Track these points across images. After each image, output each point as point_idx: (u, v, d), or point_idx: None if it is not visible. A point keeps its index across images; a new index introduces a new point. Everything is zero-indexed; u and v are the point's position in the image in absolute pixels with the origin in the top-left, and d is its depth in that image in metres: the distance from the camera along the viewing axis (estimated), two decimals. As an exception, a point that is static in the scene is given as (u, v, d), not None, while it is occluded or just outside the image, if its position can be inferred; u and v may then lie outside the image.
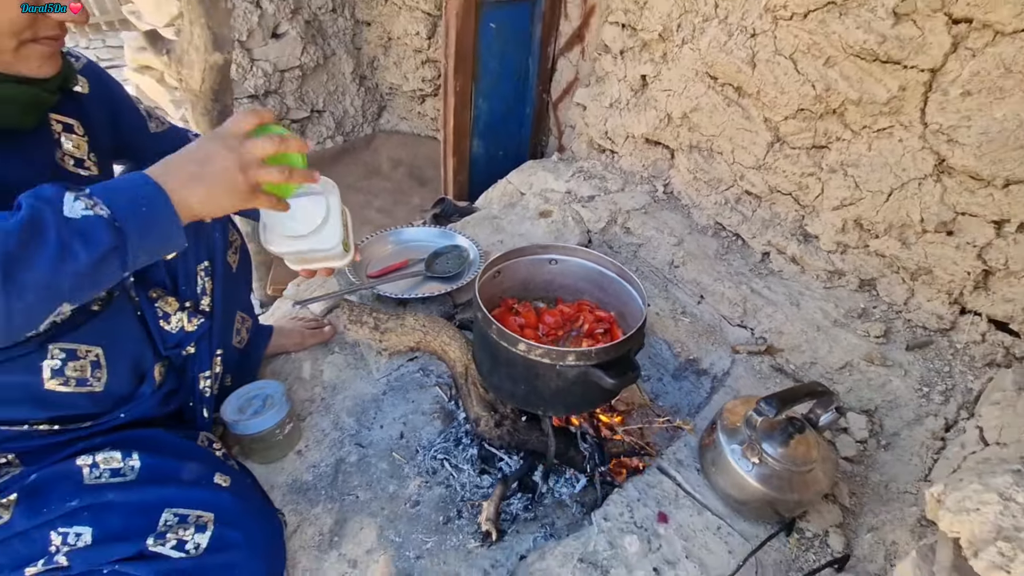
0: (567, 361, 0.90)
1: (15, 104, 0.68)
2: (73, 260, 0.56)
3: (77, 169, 0.82)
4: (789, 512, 0.88)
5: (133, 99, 0.98)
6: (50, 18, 0.63)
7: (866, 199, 1.25)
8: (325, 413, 1.28)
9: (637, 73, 1.72)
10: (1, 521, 0.80)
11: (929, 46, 1.09)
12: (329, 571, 0.99)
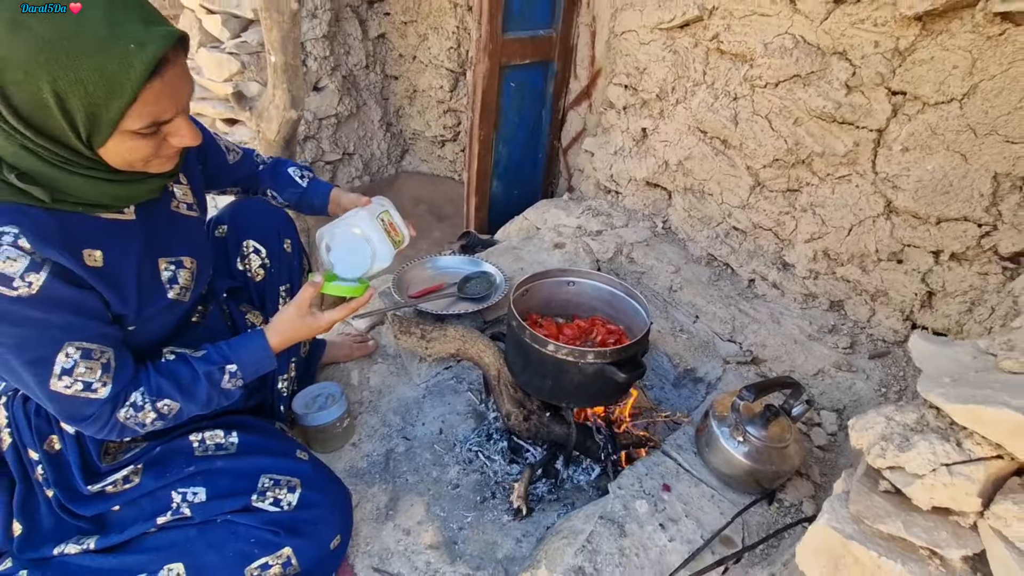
0: (587, 359, 1.13)
1: (151, 191, 0.86)
2: (214, 407, 0.94)
3: (188, 212, 0.99)
4: (769, 483, 1.08)
5: (214, 136, 1.13)
6: (170, 144, 0.76)
7: (831, 233, 1.50)
8: (373, 412, 1.48)
9: (638, 126, 2.00)
10: (133, 484, 1.00)
11: (875, 112, 1.36)
12: (387, 538, 1.18)
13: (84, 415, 0.81)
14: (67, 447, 0.96)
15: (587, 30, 2.19)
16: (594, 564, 0.93)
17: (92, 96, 0.63)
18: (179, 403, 0.88)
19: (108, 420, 0.83)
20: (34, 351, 0.74)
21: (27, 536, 0.96)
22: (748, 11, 1.55)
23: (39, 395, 0.78)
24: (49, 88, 0.61)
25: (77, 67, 0.61)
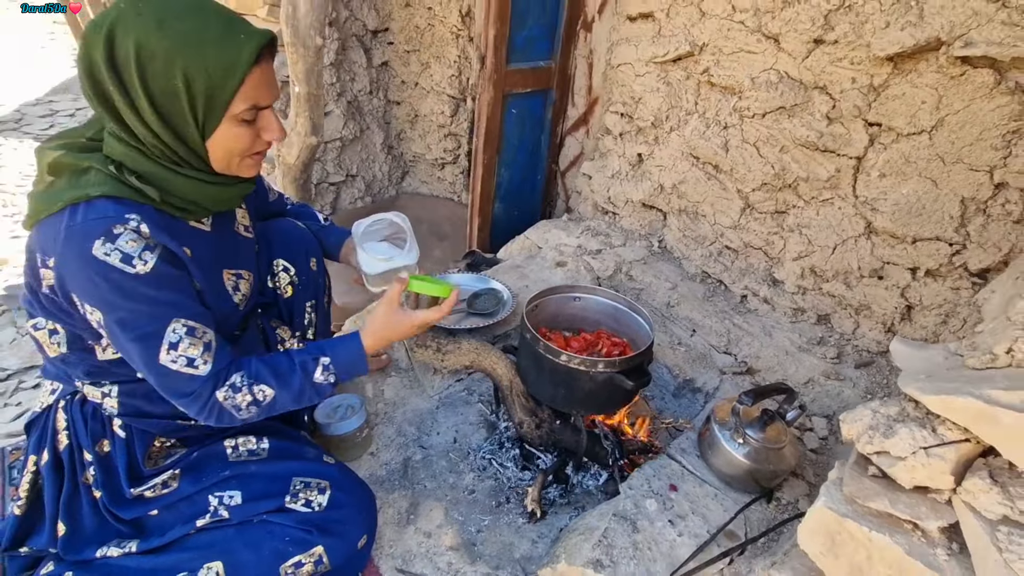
0: (597, 368, 1.21)
1: (238, 196, 0.99)
2: (305, 402, 0.98)
3: (246, 233, 1.11)
4: (767, 483, 1.16)
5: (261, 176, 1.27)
6: (263, 140, 0.90)
7: (817, 252, 1.61)
8: (389, 423, 1.55)
9: (634, 152, 2.13)
10: (171, 488, 1.07)
11: (854, 141, 1.49)
12: (409, 541, 1.24)
13: (186, 391, 0.88)
14: (116, 450, 1.02)
15: (584, 62, 2.32)
16: (610, 557, 1.00)
17: (212, 79, 0.77)
18: (274, 390, 0.93)
19: (208, 399, 0.89)
20: (146, 326, 0.83)
21: (70, 537, 1.01)
22: (736, 48, 1.68)
23: (147, 369, 0.86)
24: (181, 74, 0.76)
25: (204, 55, 0.76)
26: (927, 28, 1.29)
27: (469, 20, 2.75)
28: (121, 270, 0.78)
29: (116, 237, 0.78)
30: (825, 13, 1.46)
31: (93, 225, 0.78)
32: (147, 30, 0.74)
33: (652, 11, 1.92)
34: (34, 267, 0.84)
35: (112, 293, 0.79)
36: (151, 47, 0.74)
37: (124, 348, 0.85)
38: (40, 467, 1.01)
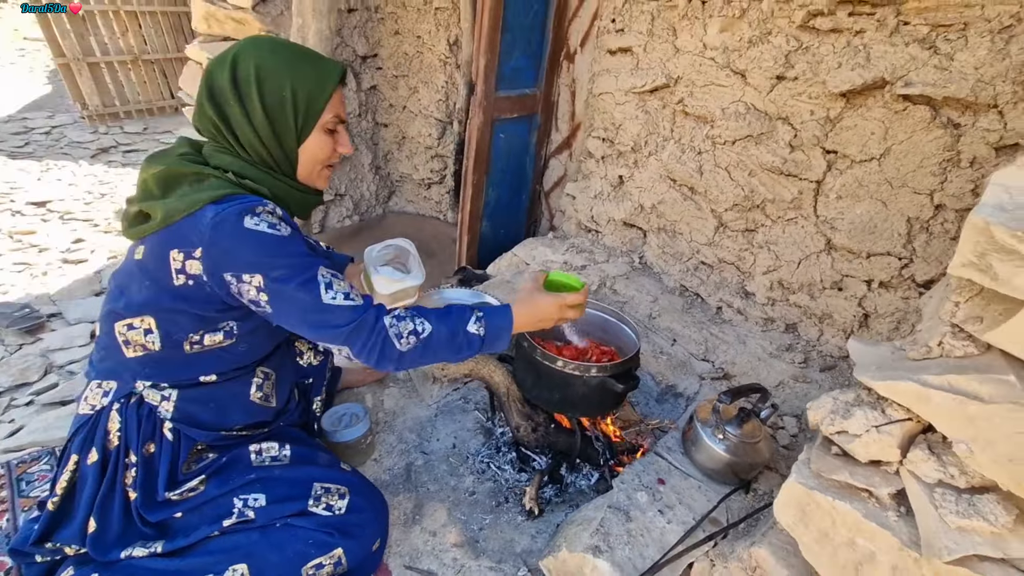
0: (591, 373, 1.32)
1: (313, 205, 1.12)
2: (455, 348, 1.02)
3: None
4: (745, 474, 1.27)
5: None
6: (338, 152, 1.08)
7: (784, 267, 1.77)
8: (390, 431, 1.62)
9: (615, 174, 2.28)
10: (198, 492, 1.12)
11: (813, 166, 1.65)
12: (415, 540, 1.31)
13: (351, 319, 0.95)
14: (162, 452, 1.07)
15: (567, 90, 2.47)
16: (607, 543, 1.10)
17: (311, 91, 0.98)
18: (432, 325, 1.00)
19: (374, 325, 0.97)
20: (303, 273, 0.94)
21: (99, 535, 1.06)
22: (707, 82, 1.85)
23: (314, 311, 0.95)
24: (289, 86, 0.96)
25: (305, 73, 0.98)
26: (873, 69, 1.46)
27: (456, 48, 2.89)
28: (271, 234, 0.93)
29: (258, 214, 0.93)
30: (786, 53, 1.63)
31: (237, 208, 0.92)
32: (263, 55, 0.97)
33: (630, 46, 2.08)
34: (164, 265, 0.94)
35: (269, 255, 0.92)
36: (267, 66, 0.96)
37: (287, 301, 0.94)
38: (82, 466, 1.05)
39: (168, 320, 1.00)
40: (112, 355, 1.05)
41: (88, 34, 4.99)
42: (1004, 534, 0.67)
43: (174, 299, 0.97)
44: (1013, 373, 0.66)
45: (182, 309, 0.98)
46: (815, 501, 0.81)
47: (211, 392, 1.10)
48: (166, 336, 1.01)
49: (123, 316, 1.01)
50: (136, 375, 1.05)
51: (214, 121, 0.98)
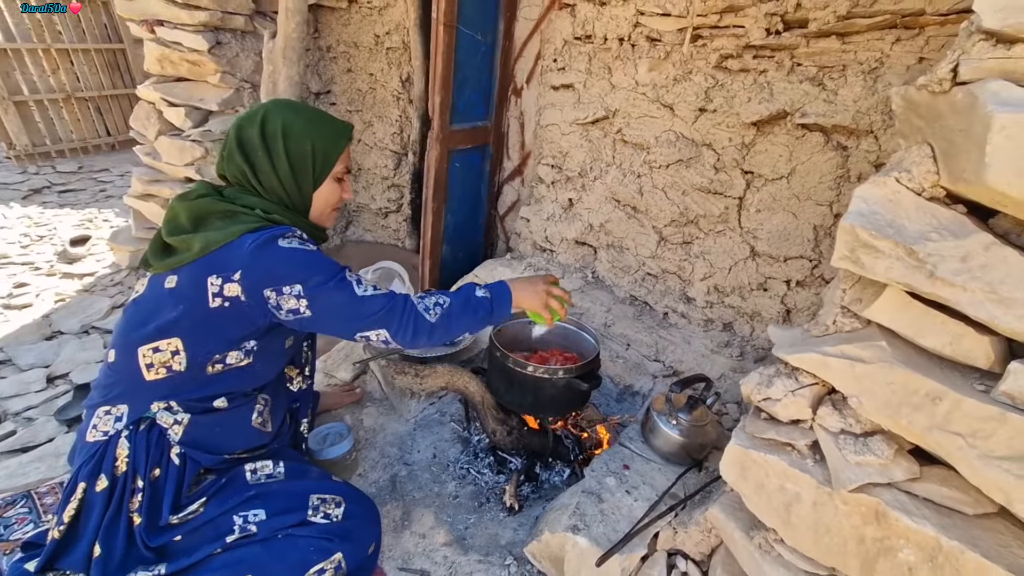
0: (559, 375, 1.47)
1: (321, 240, 1.25)
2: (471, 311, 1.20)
3: None
4: (697, 455, 1.45)
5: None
6: (343, 197, 1.27)
7: (718, 273, 2.01)
8: (372, 448, 1.71)
9: (565, 197, 2.48)
10: (198, 513, 1.18)
11: (735, 185, 1.91)
12: (406, 543, 1.40)
13: (385, 305, 1.12)
14: (168, 477, 1.12)
15: (516, 122, 2.68)
16: (584, 522, 1.24)
17: (327, 148, 1.18)
18: (449, 298, 1.20)
19: (405, 304, 1.14)
20: (335, 276, 1.09)
21: (103, 561, 1.09)
22: (641, 114, 2.09)
23: (353, 305, 1.10)
24: (310, 142, 1.15)
25: (324, 132, 1.17)
26: (776, 103, 1.74)
27: (409, 84, 3.05)
28: (303, 250, 1.09)
29: (290, 238, 1.09)
30: (705, 89, 1.89)
31: (270, 234, 1.08)
32: (289, 116, 1.15)
33: (572, 83, 2.31)
34: (201, 291, 1.06)
35: (305, 266, 1.07)
36: (292, 125, 1.14)
37: (326, 302, 1.08)
38: (89, 493, 1.09)
39: (196, 342, 1.10)
40: (127, 379, 1.11)
41: (15, 71, 4.82)
42: (888, 464, 0.86)
43: (207, 321, 1.07)
44: (884, 339, 0.87)
45: (213, 330, 1.09)
46: (751, 458, 0.98)
47: (219, 418, 1.18)
48: (192, 357, 1.11)
49: (149, 340, 1.09)
50: (153, 397, 1.12)
51: (242, 168, 1.15)
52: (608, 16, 2.08)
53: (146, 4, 2.54)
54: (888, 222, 0.81)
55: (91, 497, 1.10)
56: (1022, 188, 0.67)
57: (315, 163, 1.16)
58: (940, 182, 0.80)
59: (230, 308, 1.07)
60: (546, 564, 1.29)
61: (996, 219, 0.80)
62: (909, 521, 0.81)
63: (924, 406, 0.80)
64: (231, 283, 1.06)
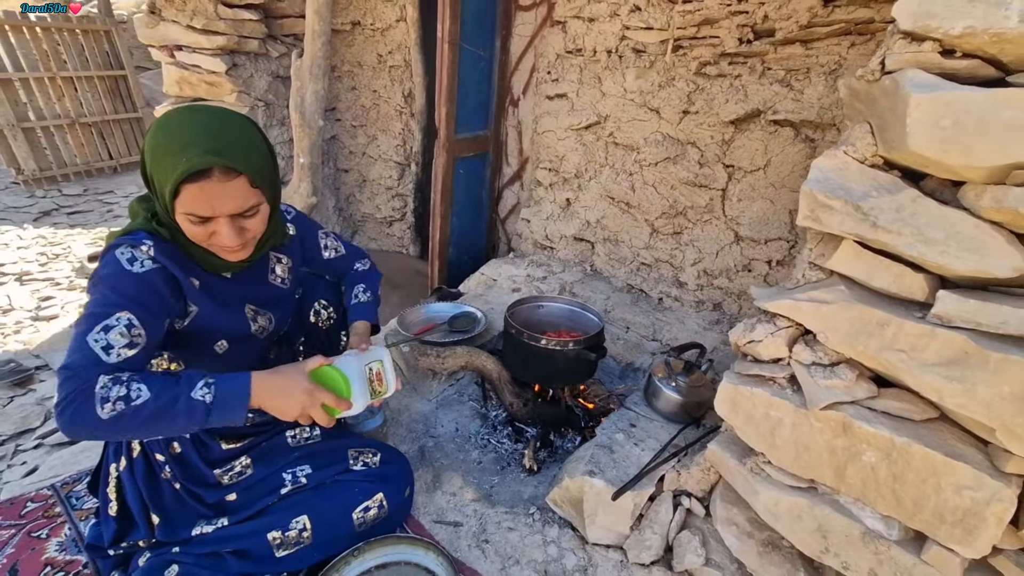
0: (569, 347, 1.65)
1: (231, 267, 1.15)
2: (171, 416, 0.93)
3: (280, 284, 1.31)
4: (694, 412, 1.63)
5: (320, 234, 1.46)
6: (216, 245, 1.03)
7: (706, 259, 2.20)
8: (399, 425, 1.87)
9: (563, 197, 2.68)
10: (247, 475, 1.33)
11: (718, 178, 2.12)
12: (439, 500, 1.56)
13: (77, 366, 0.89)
14: (187, 449, 1.26)
15: (514, 130, 2.89)
16: (599, 468, 1.40)
17: (161, 183, 0.96)
18: (151, 392, 0.92)
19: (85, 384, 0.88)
20: (100, 307, 0.94)
21: (165, 525, 1.23)
22: (630, 118, 2.31)
23: (72, 340, 0.92)
24: (149, 172, 0.98)
25: (158, 164, 0.95)
26: (751, 103, 1.95)
27: (411, 99, 3.26)
28: (120, 267, 0.98)
29: (133, 247, 1.01)
30: (687, 93, 2.11)
31: (122, 241, 1.01)
32: (149, 135, 0.99)
33: (565, 92, 2.53)
34: None
35: (100, 280, 0.98)
36: (144, 148, 0.99)
37: (79, 320, 0.95)
38: (119, 473, 1.23)
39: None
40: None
41: (22, 100, 4.98)
42: (852, 386, 1.04)
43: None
44: (843, 284, 1.06)
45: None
46: (740, 393, 1.16)
47: None
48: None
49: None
50: None
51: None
52: (597, 31, 2.30)
53: (167, 31, 2.73)
54: (839, 185, 1.00)
55: (121, 476, 1.24)
56: (934, 150, 0.87)
57: (160, 195, 0.98)
58: (878, 152, 1.00)
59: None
60: (567, 508, 1.46)
61: (925, 181, 1.00)
62: (869, 428, 1.00)
63: (875, 332, 0.98)
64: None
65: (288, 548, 1.27)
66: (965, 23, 0.84)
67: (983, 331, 0.88)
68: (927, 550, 0.98)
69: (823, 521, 1.10)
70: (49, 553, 1.31)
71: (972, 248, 0.88)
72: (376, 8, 3.06)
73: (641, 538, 1.34)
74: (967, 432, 0.97)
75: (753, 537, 1.24)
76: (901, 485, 0.98)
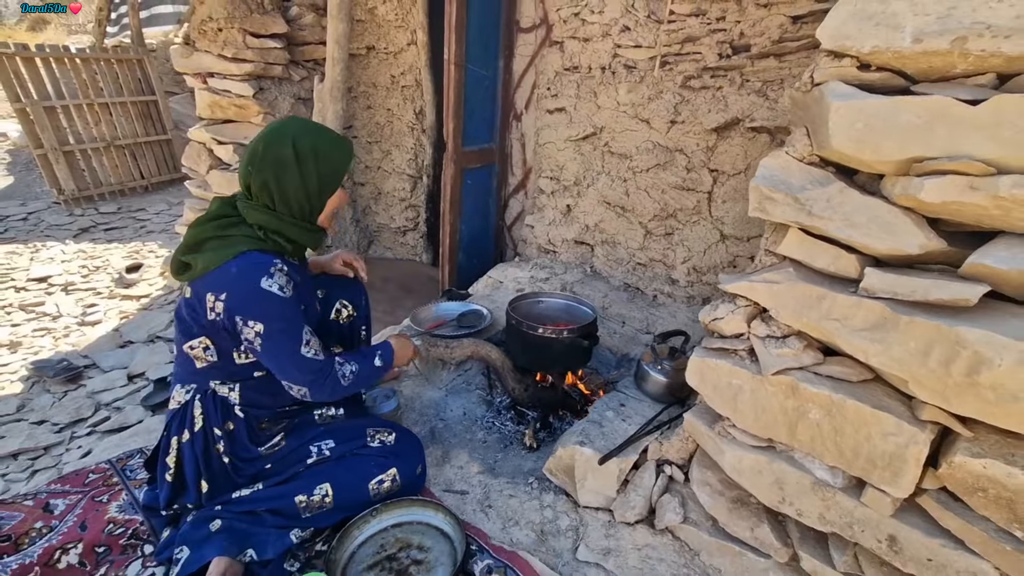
0: (563, 334, 1.83)
1: (320, 241, 1.47)
2: (369, 378, 1.50)
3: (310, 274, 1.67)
4: (678, 394, 1.78)
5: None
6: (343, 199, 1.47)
7: (695, 256, 2.37)
8: (411, 410, 2.05)
9: (564, 204, 2.87)
10: (281, 446, 1.52)
11: (704, 182, 2.29)
12: (447, 473, 1.73)
13: (316, 370, 1.35)
14: (238, 427, 1.46)
15: (518, 143, 3.09)
16: (588, 439, 1.57)
17: (345, 163, 1.40)
18: (359, 366, 1.46)
19: (329, 374, 1.38)
20: (296, 329, 1.32)
21: (211, 490, 1.43)
22: (623, 128, 2.49)
23: (289, 359, 1.31)
24: (337, 163, 1.37)
25: (344, 152, 1.39)
26: (731, 112, 2.13)
27: (422, 116, 3.49)
28: (279, 296, 1.27)
29: (272, 275, 1.27)
30: (674, 105, 2.30)
31: (256, 269, 1.26)
32: (316, 137, 1.34)
33: (564, 106, 2.73)
34: (203, 303, 1.27)
35: (274, 312, 1.27)
36: (321, 147, 1.34)
37: (276, 347, 1.30)
38: (180, 444, 1.42)
39: (217, 340, 1.35)
40: (188, 367, 1.41)
41: (63, 126, 5.35)
42: (800, 354, 1.20)
43: (212, 326, 1.31)
44: (791, 267, 1.22)
45: (219, 333, 1.32)
46: (707, 364, 1.33)
47: (262, 384, 1.45)
48: (220, 351, 1.37)
49: (186, 340, 1.36)
50: (209, 378, 1.42)
51: (268, 183, 1.29)
52: (591, 50, 2.51)
53: (200, 60, 3.00)
54: (781, 180, 1.18)
55: (182, 447, 1.42)
56: (851, 148, 1.04)
57: (341, 176, 1.39)
58: (813, 151, 1.17)
59: (219, 322, 1.29)
60: (561, 476, 1.62)
61: (857, 176, 1.17)
62: (813, 388, 1.15)
63: (815, 305, 1.15)
64: (219, 301, 1.25)
65: (312, 511, 1.45)
66: (872, 43, 1.02)
67: (898, 299, 1.04)
68: (865, 494, 1.13)
69: (780, 475, 1.25)
70: (111, 513, 1.51)
71: (888, 230, 1.04)
72: (389, 34, 3.31)
73: (627, 500, 1.50)
74: (894, 389, 1.12)
75: (724, 495, 1.39)
76: (841, 437, 1.14)
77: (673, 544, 1.44)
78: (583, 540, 1.48)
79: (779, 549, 1.30)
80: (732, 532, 1.37)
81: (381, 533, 1.48)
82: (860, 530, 1.15)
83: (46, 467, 1.99)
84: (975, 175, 0.91)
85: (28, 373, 2.57)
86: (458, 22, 2.51)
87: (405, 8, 3.21)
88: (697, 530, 1.41)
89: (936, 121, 0.93)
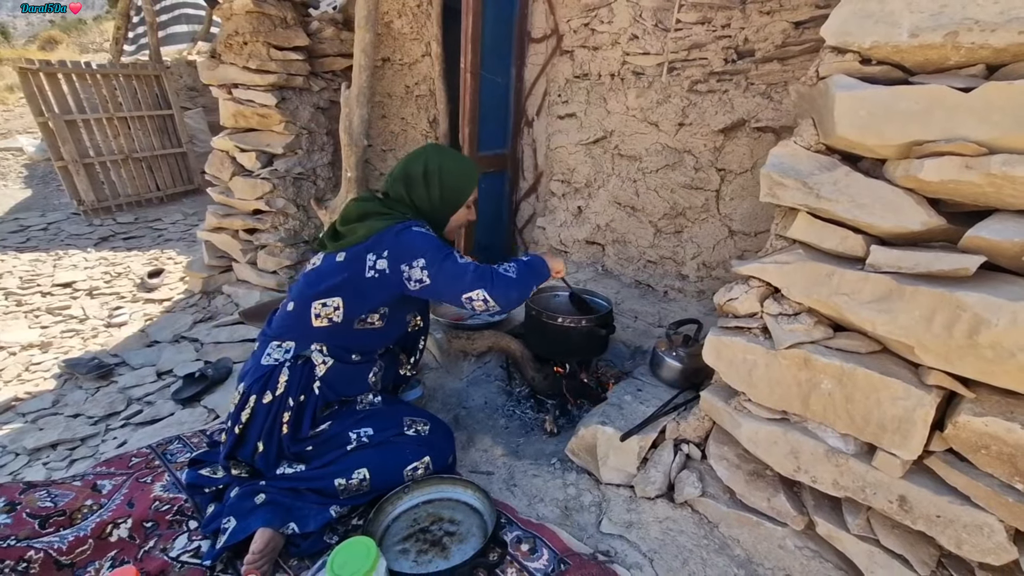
0: (582, 324, 1.91)
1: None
2: (528, 275, 1.57)
3: None
4: (693, 379, 1.86)
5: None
6: (470, 219, 1.75)
7: (704, 253, 2.46)
8: (435, 400, 2.13)
9: (575, 205, 2.97)
10: (323, 430, 1.60)
11: (712, 181, 2.39)
12: (473, 456, 1.81)
13: (473, 271, 1.45)
14: (309, 402, 1.54)
15: (529, 148, 3.21)
16: (609, 419, 1.64)
17: (469, 187, 1.67)
18: (515, 263, 1.56)
19: (491, 270, 1.48)
20: (446, 252, 1.48)
21: (264, 456, 1.52)
22: (633, 131, 2.60)
23: (454, 268, 1.44)
24: (459, 183, 1.64)
25: (468, 174, 1.67)
26: (737, 113, 2.23)
27: (435, 125, 3.61)
28: (429, 235, 1.51)
29: (420, 225, 1.54)
30: (682, 108, 2.40)
31: (409, 223, 1.52)
32: (444, 160, 1.63)
33: (574, 112, 2.84)
34: (362, 263, 1.49)
35: (428, 245, 1.47)
36: (448, 168, 1.62)
37: (441, 269, 1.45)
38: (257, 404, 1.51)
39: (351, 302, 1.52)
40: (299, 324, 1.54)
41: (83, 139, 5.50)
42: (811, 329, 1.28)
43: (361, 287, 1.50)
44: (801, 248, 1.31)
45: (364, 294, 1.51)
46: (723, 342, 1.41)
47: (350, 368, 1.59)
48: (347, 313, 1.52)
49: (321, 297, 1.52)
50: (313, 340, 1.54)
51: (403, 192, 1.60)
52: (601, 58, 2.62)
53: (226, 72, 3.13)
54: (790, 167, 1.27)
55: (258, 407, 1.52)
56: (855, 134, 1.13)
57: (461, 196, 1.65)
58: (820, 140, 1.26)
59: (378, 278, 1.48)
60: (583, 456, 1.69)
61: (861, 162, 1.26)
62: (824, 360, 1.23)
63: (824, 282, 1.23)
64: (381, 259, 1.47)
65: (350, 493, 1.53)
66: (872, 38, 1.12)
67: (903, 272, 1.12)
68: (876, 458, 1.21)
69: (794, 444, 1.33)
70: (156, 492, 1.59)
71: (892, 209, 1.13)
72: (404, 46, 3.45)
73: (647, 476, 1.57)
74: (901, 359, 1.20)
75: (741, 468, 1.46)
76: (852, 405, 1.21)
77: (692, 517, 1.51)
78: (606, 514, 1.55)
79: (795, 517, 1.36)
80: (749, 503, 1.44)
81: (413, 509, 1.55)
82: (872, 493, 1.22)
83: (84, 456, 2.07)
84: (970, 155, 1.00)
85: (60, 371, 2.66)
86: (474, 33, 2.64)
87: (420, 22, 3.35)
88: (715, 502, 1.48)
89: (933, 106, 1.03)
